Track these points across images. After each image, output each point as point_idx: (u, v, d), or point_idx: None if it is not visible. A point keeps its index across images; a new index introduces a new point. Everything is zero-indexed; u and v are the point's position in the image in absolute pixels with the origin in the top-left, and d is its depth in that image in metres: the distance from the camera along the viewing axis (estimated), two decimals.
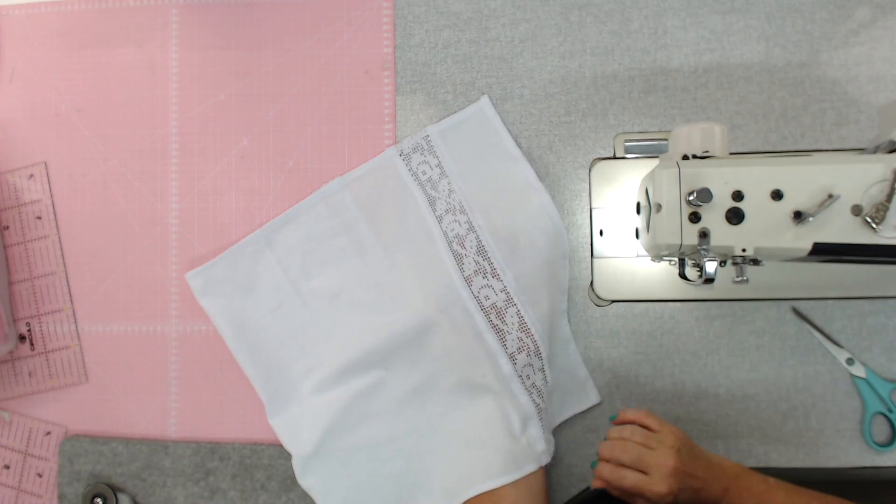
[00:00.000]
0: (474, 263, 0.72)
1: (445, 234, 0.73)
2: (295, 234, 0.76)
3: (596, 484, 0.61)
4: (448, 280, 0.72)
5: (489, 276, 0.72)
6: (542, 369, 0.70)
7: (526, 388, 0.69)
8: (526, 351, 0.70)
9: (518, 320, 0.70)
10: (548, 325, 0.72)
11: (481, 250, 0.72)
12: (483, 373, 0.70)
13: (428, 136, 0.76)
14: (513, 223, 0.74)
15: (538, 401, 0.69)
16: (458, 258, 0.72)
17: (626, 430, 0.62)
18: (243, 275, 0.76)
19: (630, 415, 0.64)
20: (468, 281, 0.72)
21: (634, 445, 0.60)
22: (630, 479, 0.59)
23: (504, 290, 0.71)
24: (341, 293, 0.75)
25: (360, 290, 0.75)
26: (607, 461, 0.61)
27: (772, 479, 0.60)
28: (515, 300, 0.71)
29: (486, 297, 0.71)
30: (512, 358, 0.70)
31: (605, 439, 0.63)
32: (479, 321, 0.71)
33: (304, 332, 0.75)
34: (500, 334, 0.70)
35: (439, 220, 0.74)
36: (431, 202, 0.74)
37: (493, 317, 0.71)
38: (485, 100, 0.76)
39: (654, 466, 0.58)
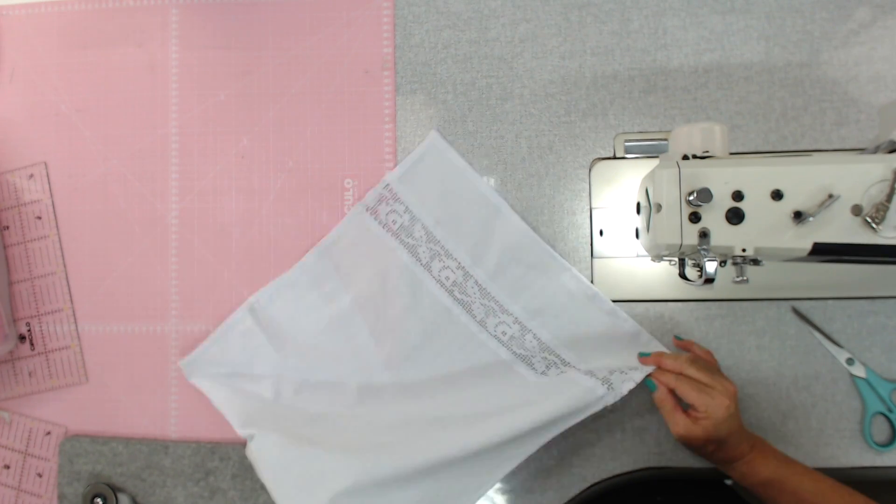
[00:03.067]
0: (482, 307, 0.72)
1: (441, 283, 0.73)
2: (284, 313, 0.75)
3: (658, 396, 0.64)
4: (464, 330, 0.72)
5: (500, 313, 0.72)
6: (579, 371, 0.69)
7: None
8: (555, 366, 0.70)
9: (537, 343, 0.71)
10: (569, 334, 0.72)
11: (484, 292, 0.73)
12: (515, 394, 0.70)
13: (388, 184, 0.75)
14: (497, 252, 0.74)
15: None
16: (466, 306, 0.73)
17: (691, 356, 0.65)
18: (237, 357, 0.75)
19: (697, 349, 0.68)
20: (482, 324, 0.72)
21: (700, 366, 0.63)
22: (694, 388, 0.62)
23: (517, 321, 0.72)
24: (342, 387, 0.73)
25: (365, 378, 0.73)
26: (671, 371, 0.64)
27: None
28: (529, 326, 0.72)
29: (504, 333, 0.72)
30: (544, 374, 0.71)
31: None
32: (504, 355, 0.72)
33: (308, 428, 0.71)
34: (526, 361, 0.71)
35: (427, 268, 0.73)
36: (412, 251, 0.73)
37: (514, 347, 0.72)
38: (433, 134, 0.76)
39: (720, 388, 0.61)
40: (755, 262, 0.58)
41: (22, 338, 0.80)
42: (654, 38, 0.75)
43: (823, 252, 0.55)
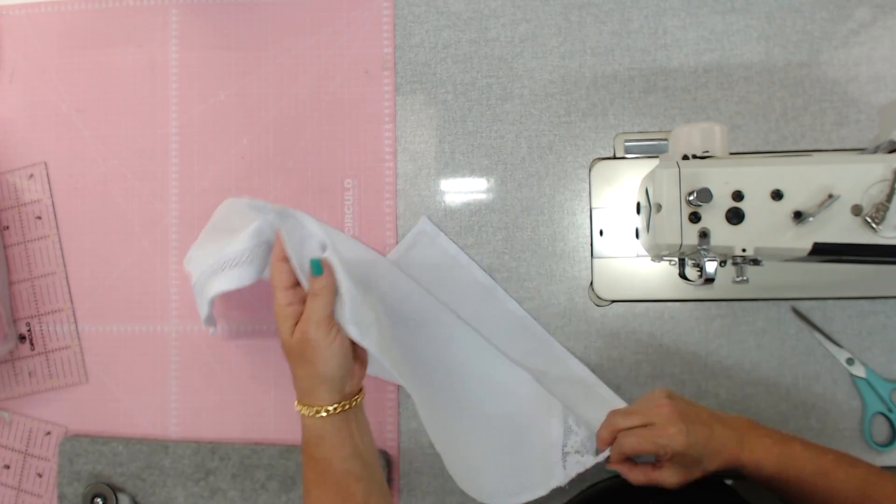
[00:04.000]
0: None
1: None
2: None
3: (615, 467, 0.61)
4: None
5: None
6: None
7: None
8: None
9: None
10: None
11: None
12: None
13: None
14: (496, 334, 0.74)
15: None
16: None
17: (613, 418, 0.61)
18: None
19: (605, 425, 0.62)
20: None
21: (624, 412, 0.60)
22: (636, 437, 0.57)
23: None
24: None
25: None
26: (610, 436, 0.60)
27: (784, 432, 0.60)
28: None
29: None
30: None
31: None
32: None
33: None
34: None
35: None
36: None
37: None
38: (423, 220, 0.76)
39: (655, 416, 0.57)
40: (755, 262, 0.57)
41: (22, 338, 0.80)
42: (654, 38, 0.75)
43: (823, 252, 0.55)
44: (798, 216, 0.55)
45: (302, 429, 0.55)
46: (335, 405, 0.53)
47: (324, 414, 0.53)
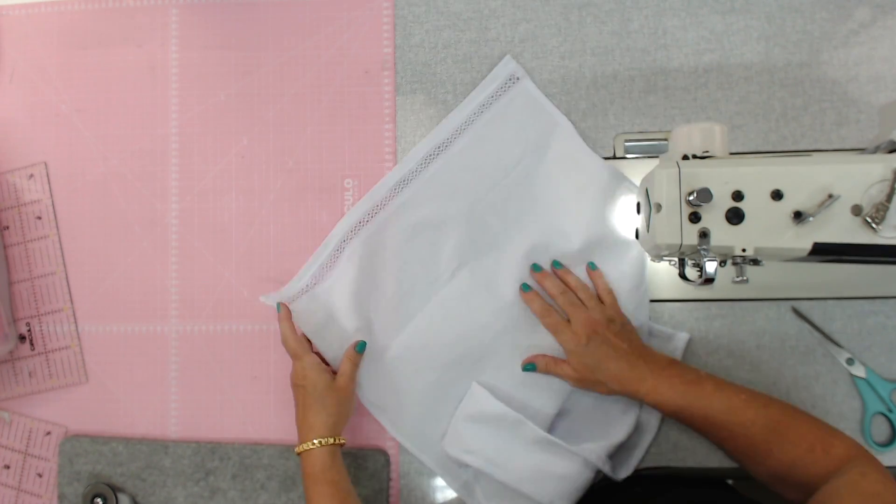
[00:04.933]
0: None
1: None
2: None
3: (525, 299, 0.71)
4: None
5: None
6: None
7: None
8: None
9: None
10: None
11: None
12: None
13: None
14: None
15: None
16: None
17: (573, 280, 0.71)
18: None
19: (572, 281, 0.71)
20: None
21: (572, 295, 0.70)
22: (554, 318, 0.69)
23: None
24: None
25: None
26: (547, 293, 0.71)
27: (703, 371, 0.64)
28: None
29: None
30: None
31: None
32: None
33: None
34: None
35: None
36: None
37: None
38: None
39: (575, 317, 0.68)
40: (755, 262, 0.58)
41: (22, 338, 0.80)
42: (654, 38, 0.75)
43: (823, 252, 0.55)
44: (798, 216, 0.55)
45: (309, 465, 0.64)
46: (342, 438, 0.67)
47: (338, 441, 0.66)
